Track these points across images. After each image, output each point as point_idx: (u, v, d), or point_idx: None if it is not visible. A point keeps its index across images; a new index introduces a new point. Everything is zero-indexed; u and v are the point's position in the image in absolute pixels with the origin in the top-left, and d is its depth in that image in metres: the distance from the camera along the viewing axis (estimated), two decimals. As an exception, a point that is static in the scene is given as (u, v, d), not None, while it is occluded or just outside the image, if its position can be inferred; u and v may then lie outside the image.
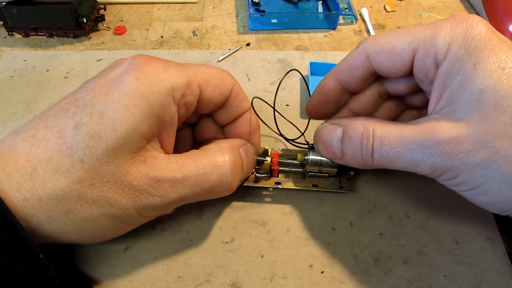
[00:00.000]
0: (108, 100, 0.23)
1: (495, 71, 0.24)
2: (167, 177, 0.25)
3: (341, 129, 0.28)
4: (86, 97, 0.24)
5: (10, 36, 0.49)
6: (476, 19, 0.25)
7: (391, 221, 0.32)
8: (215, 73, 0.28)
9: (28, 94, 0.42)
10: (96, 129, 0.23)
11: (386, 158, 0.26)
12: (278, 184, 0.33)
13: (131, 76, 0.24)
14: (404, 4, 0.57)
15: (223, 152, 0.27)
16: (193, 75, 0.26)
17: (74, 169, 0.22)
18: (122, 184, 0.23)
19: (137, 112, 0.23)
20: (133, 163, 0.24)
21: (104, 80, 0.24)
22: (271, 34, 0.51)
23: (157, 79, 0.25)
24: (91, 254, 0.30)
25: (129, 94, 0.23)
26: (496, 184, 0.24)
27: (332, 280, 0.29)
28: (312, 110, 0.32)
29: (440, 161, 0.24)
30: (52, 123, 0.23)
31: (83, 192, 0.23)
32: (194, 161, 0.26)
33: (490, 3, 0.52)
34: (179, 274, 0.29)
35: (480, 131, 0.24)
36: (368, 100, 0.31)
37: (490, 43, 0.24)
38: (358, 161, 0.27)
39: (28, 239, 0.22)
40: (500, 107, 0.23)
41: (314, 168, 0.32)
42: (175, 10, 0.55)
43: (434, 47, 0.25)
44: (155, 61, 0.26)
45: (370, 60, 0.28)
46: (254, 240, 0.31)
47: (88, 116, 0.23)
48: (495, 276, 0.29)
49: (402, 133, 0.25)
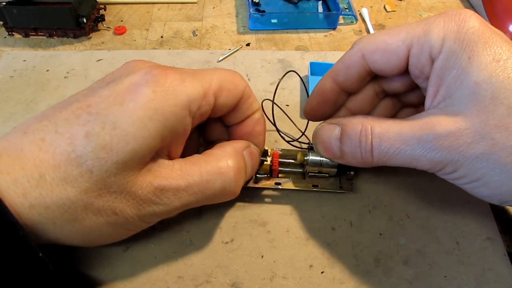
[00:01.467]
0: (123, 111, 0.23)
1: (490, 63, 0.24)
2: (171, 185, 0.25)
3: (339, 128, 0.28)
4: (100, 104, 0.23)
5: (10, 36, 0.49)
6: (468, 13, 0.25)
7: (391, 221, 0.32)
8: (228, 78, 0.27)
9: (28, 94, 0.42)
10: (108, 140, 0.22)
11: (385, 155, 0.26)
12: (278, 184, 0.33)
13: (148, 88, 0.23)
14: (404, 4, 0.57)
15: (227, 157, 0.27)
16: (209, 84, 0.26)
17: (82, 179, 0.22)
18: (127, 194, 0.23)
19: (151, 126, 0.23)
20: (139, 174, 0.24)
21: (119, 88, 0.24)
22: (271, 34, 0.51)
23: (174, 92, 0.24)
24: (91, 255, 0.30)
25: (144, 106, 0.23)
26: (496, 175, 0.24)
27: (332, 280, 0.29)
28: (310, 112, 0.32)
29: (440, 155, 0.24)
30: (63, 128, 0.23)
31: (90, 202, 0.23)
32: (198, 168, 0.26)
33: (490, 3, 0.52)
34: (179, 274, 0.29)
35: (478, 124, 0.24)
36: (365, 99, 0.31)
37: (484, 36, 0.24)
38: (358, 159, 0.27)
39: (27, 238, 0.22)
40: (496, 99, 0.23)
41: (314, 169, 0.32)
42: (175, 10, 0.55)
43: (428, 43, 0.25)
44: (172, 72, 0.25)
45: (365, 59, 0.28)
46: (254, 240, 0.31)
47: (101, 126, 0.22)
48: (495, 276, 0.29)
49: (400, 129, 0.25)
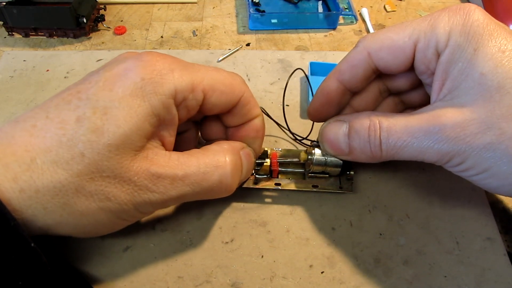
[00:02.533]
0: (113, 97, 0.23)
1: (496, 54, 0.24)
2: (168, 173, 0.25)
3: (346, 124, 0.28)
4: (90, 90, 0.24)
5: (10, 36, 0.49)
6: (472, 7, 0.25)
7: (391, 221, 0.32)
8: (225, 80, 0.27)
9: (28, 94, 0.42)
10: (99, 124, 0.22)
11: (393, 148, 0.26)
12: (278, 185, 0.33)
13: (136, 75, 0.24)
14: (404, 4, 0.57)
15: (224, 153, 0.27)
16: (199, 80, 0.26)
17: (73, 162, 0.22)
18: (122, 179, 0.23)
19: (140, 112, 0.23)
20: (134, 160, 0.24)
21: (109, 73, 0.24)
22: (271, 34, 0.51)
23: (161, 81, 0.24)
24: (91, 254, 0.30)
25: (133, 93, 0.23)
26: (504, 165, 0.24)
27: (332, 280, 0.29)
28: (314, 113, 0.32)
29: (447, 146, 0.24)
30: (53, 114, 0.23)
31: (82, 185, 0.23)
32: (195, 160, 0.26)
33: (490, 3, 0.52)
34: (179, 274, 0.29)
35: (485, 114, 0.24)
36: (369, 98, 0.32)
37: (489, 28, 0.25)
38: (367, 154, 0.27)
39: (19, 228, 0.21)
40: (503, 89, 0.23)
41: (318, 168, 0.32)
42: (175, 10, 0.55)
43: (435, 37, 0.26)
44: (162, 60, 0.25)
45: (371, 57, 0.28)
46: (254, 240, 0.31)
47: (92, 111, 0.23)
48: (495, 276, 0.29)
49: (407, 122, 0.26)
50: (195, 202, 0.33)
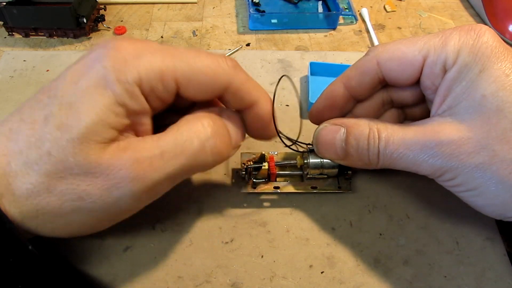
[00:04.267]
0: (76, 90, 0.22)
1: (500, 77, 0.24)
2: (144, 156, 0.23)
3: (344, 129, 0.28)
4: (58, 86, 0.23)
5: (10, 36, 0.49)
6: (483, 29, 0.26)
7: (391, 221, 0.32)
8: (204, 68, 0.24)
9: (28, 94, 0.42)
10: (64, 120, 0.22)
11: (389, 159, 0.26)
12: (276, 188, 0.33)
13: (99, 64, 0.23)
14: (404, 4, 0.57)
15: (199, 118, 0.25)
16: (171, 68, 0.24)
17: (41, 162, 0.22)
18: (93, 175, 0.22)
19: (103, 102, 0.22)
20: (104, 152, 0.22)
21: (76, 66, 0.23)
22: (271, 34, 0.51)
23: (124, 68, 0.22)
24: (91, 254, 0.30)
25: (96, 84, 0.22)
26: (492, 186, 0.24)
27: (332, 280, 0.29)
28: (316, 115, 0.32)
29: (441, 162, 0.25)
30: (26, 115, 0.23)
31: (52, 185, 0.22)
32: (171, 134, 0.24)
33: (490, 3, 0.52)
34: (179, 274, 0.29)
35: (481, 135, 0.24)
36: (372, 107, 0.31)
37: (497, 51, 0.25)
38: (364, 161, 0.27)
39: (15, 231, 0.21)
40: (501, 112, 0.24)
41: (315, 171, 0.32)
42: (175, 10, 0.55)
43: (444, 53, 0.26)
44: (127, 45, 0.23)
45: (380, 66, 0.28)
46: (254, 240, 0.31)
47: (57, 107, 0.22)
48: (495, 276, 0.29)
49: (405, 135, 0.26)
50: (195, 202, 0.33)
